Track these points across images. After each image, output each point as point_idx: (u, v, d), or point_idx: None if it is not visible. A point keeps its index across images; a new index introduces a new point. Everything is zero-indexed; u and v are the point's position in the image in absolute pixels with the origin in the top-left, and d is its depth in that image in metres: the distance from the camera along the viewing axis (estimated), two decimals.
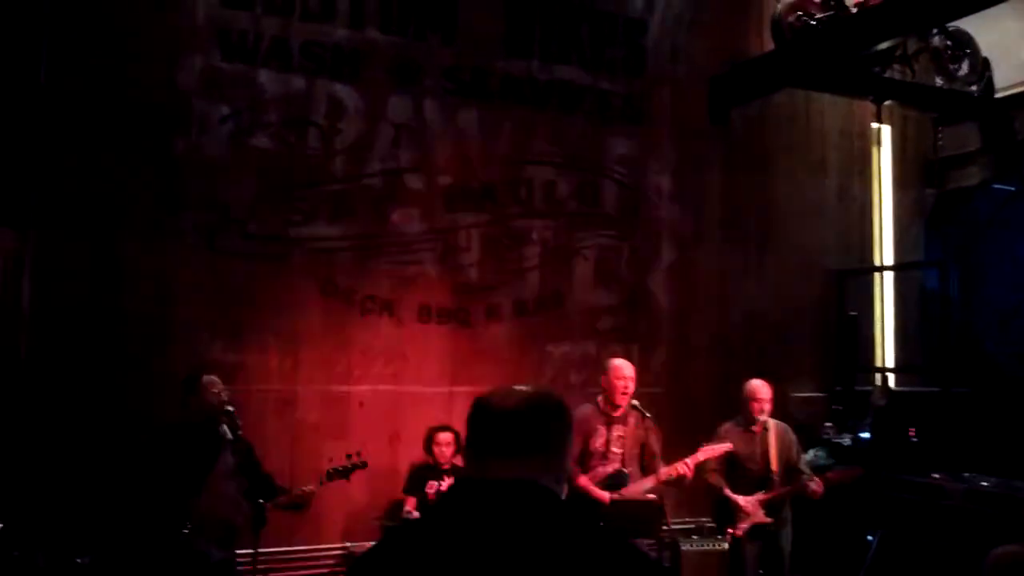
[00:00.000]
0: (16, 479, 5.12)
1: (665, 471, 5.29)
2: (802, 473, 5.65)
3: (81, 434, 5.29)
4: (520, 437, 1.70)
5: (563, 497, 1.73)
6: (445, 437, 5.82)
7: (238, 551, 4.65)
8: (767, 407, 5.65)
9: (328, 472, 4.94)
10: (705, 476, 5.63)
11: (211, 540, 4.36)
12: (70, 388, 5.41)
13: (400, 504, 5.71)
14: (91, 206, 5.59)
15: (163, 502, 4.21)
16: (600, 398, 5.46)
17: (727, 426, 5.75)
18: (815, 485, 5.52)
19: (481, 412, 1.75)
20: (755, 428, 5.68)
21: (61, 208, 5.53)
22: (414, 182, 6.46)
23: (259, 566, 4.80)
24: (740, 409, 5.74)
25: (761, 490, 5.57)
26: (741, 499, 5.55)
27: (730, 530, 5.59)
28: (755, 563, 5.59)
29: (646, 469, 5.41)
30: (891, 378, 8.10)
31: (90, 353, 5.52)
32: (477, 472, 1.71)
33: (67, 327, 5.49)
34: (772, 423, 5.71)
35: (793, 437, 5.78)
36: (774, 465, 5.60)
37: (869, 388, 7.76)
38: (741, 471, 5.64)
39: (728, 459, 5.63)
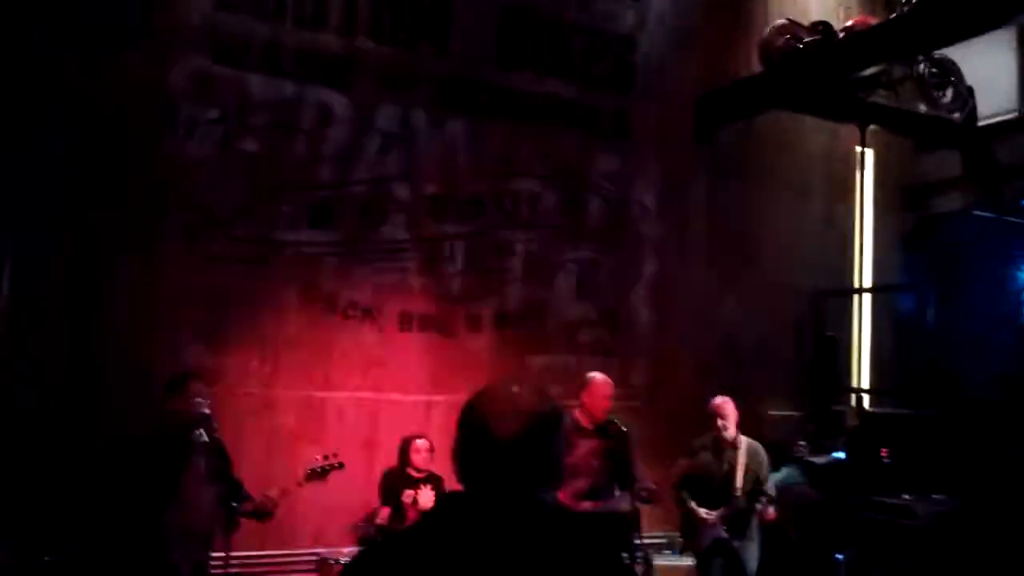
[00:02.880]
0: None
1: (638, 485, 5.33)
2: (764, 494, 5.70)
3: (56, 434, 5.29)
4: (523, 462, 1.70)
5: (550, 503, 1.75)
6: (422, 444, 5.84)
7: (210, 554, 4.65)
8: (730, 423, 5.73)
9: (307, 472, 4.93)
10: (673, 488, 5.71)
11: (184, 549, 4.35)
12: (46, 386, 5.40)
13: (373, 514, 5.72)
14: (75, 203, 5.59)
15: (134, 512, 4.17)
16: (578, 411, 5.50)
17: (698, 441, 5.83)
18: (761, 507, 5.58)
19: (481, 436, 1.71)
20: (723, 444, 5.74)
21: (43, 204, 5.51)
22: (400, 191, 6.50)
23: (231, 570, 4.80)
24: (708, 425, 5.81)
25: (724, 505, 5.64)
26: (703, 512, 5.63)
27: (693, 544, 5.67)
28: None
29: (621, 483, 5.45)
30: (866, 399, 8.19)
31: (68, 352, 5.52)
32: (471, 485, 1.73)
33: (45, 324, 5.48)
34: (744, 441, 5.78)
35: (764, 457, 5.84)
36: (738, 482, 5.66)
37: (843, 408, 7.85)
38: (708, 486, 5.71)
39: (696, 473, 5.70)
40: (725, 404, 5.77)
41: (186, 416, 4.42)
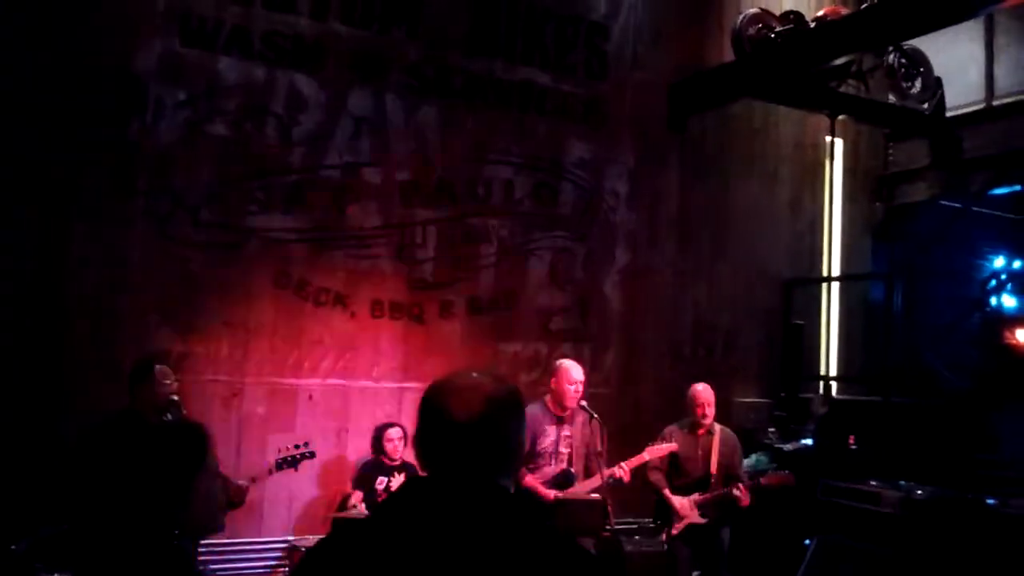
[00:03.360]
0: None
1: (607, 472, 5.36)
2: (739, 479, 5.75)
3: (18, 421, 5.22)
4: (480, 446, 1.70)
5: (511, 490, 1.75)
6: (395, 433, 5.84)
7: None
8: (709, 410, 5.78)
9: (277, 461, 4.92)
10: (647, 474, 5.75)
11: (196, 543, 4.29)
12: (9, 371, 5.33)
13: (346, 499, 5.71)
14: (39, 187, 5.48)
15: (153, 510, 4.03)
16: (548, 398, 5.51)
17: (672, 428, 5.87)
18: (739, 492, 5.63)
19: (439, 420, 1.71)
20: (699, 431, 5.80)
21: (9, 187, 5.41)
22: (372, 176, 6.44)
23: (201, 557, 4.77)
24: (685, 412, 5.86)
25: (698, 492, 5.69)
26: (676, 500, 5.68)
27: (666, 530, 5.71)
28: (690, 563, 5.72)
29: (591, 470, 5.47)
30: (834, 386, 8.29)
31: (32, 338, 5.43)
32: (431, 470, 1.72)
33: (9, 307, 5.38)
34: (717, 427, 5.84)
35: (736, 444, 5.90)
36: (713, 468, 5.72)
37: (812, 396, 7.94)
38: (682, 472, 5.77)
39: (671, 460, 5.76)
40: (705, 391, 5.83)
41: (156, 403, 4.38)
